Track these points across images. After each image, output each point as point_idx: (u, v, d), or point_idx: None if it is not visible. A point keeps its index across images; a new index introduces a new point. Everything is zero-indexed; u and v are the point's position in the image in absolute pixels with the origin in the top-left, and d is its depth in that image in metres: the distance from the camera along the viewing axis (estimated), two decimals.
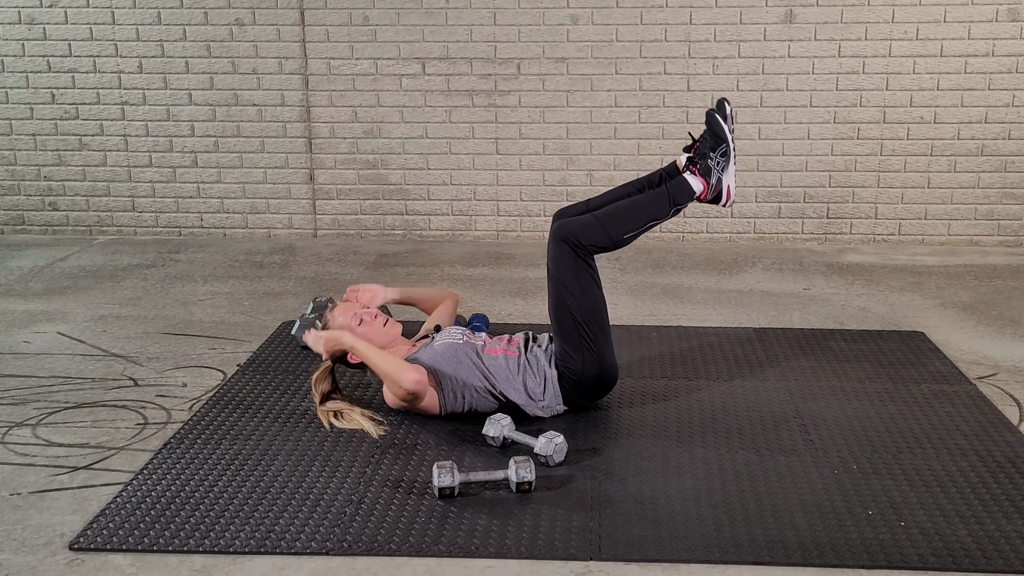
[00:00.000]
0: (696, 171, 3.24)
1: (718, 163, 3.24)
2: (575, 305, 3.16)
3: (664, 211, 3.23)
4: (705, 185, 3.24)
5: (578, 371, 3.18)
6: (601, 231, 3.18)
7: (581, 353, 3.17)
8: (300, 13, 5.61)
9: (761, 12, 5.43)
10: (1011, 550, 2.45)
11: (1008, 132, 5.47)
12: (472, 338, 3.32)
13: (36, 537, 2.56)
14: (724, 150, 3.25)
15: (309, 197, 5.85)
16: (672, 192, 3.24)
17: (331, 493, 2.75)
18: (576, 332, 3.17)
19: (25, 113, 5.84)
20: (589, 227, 3.19)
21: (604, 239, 3.19)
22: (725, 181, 3.26)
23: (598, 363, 3.19)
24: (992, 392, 3.48)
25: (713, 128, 3.26)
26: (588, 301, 3.18)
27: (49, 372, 3.72)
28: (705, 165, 3.24)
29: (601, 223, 3.20)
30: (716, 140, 3.25)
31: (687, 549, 2.46)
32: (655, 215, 3.23)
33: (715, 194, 3.27)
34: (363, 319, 3.31)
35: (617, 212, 3.22)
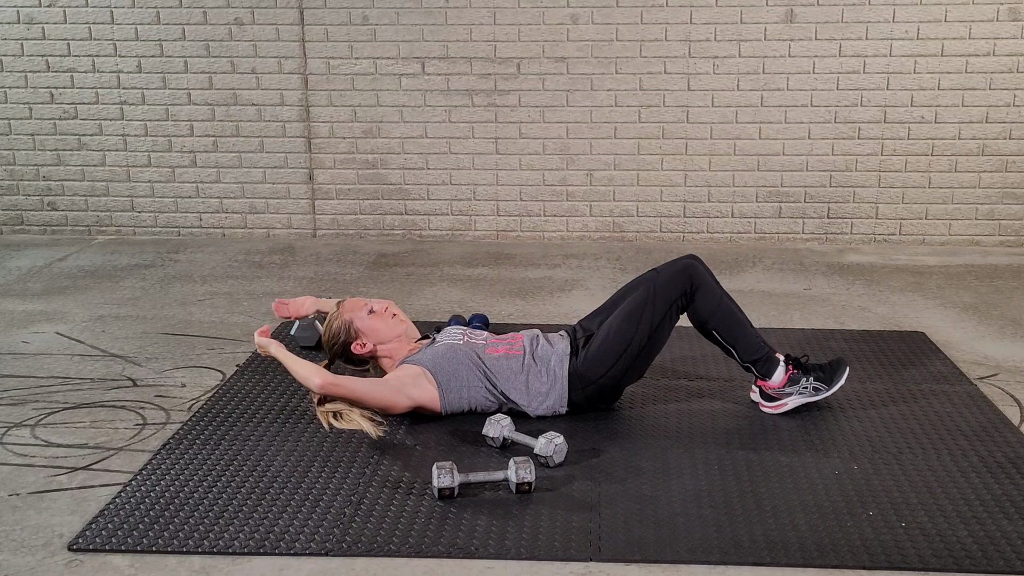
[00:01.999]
0: (789, 371, 3.23)
1: (803, 389, 3.24)
2: (645, 328, 3.17)
3: (746, 354, 3.23)
4: (780, 386, 3.23)
5: (596, 377, 3.19)
6: (714, 307, 3.20)
7: (610, 366, 3.18)
8: (299, 12, 5.60)
9: (761, 12, 5.42)
10: (1011, 550, 2.44)
11: (1009, 132, 5.47)
12: (473, 337, 3.32)
13: (35, 538, 2.55)
14: (819, 390, 3.25)
15: (308, 197, 5.85)
16: (764, 355, 3.23)
17: (331, 493, 2.75)
18: (624, 348, 3.17)
19: (24, 113, 5.83)
20: (712, 295, 3.21)
21: (706, 312, 3.20)
22: (791, 403, 3.25)
23: (617, 379, 3.22)
24: (993, 392, 3.47)
25: (834, 370, 3.27)
26: (656, 336, 3.20)
27: (48, 372, 3.72)
28: (797, 376, 3.23)
29: (720, 305, 3.21)
30: (825, 379, 3.25)
31: (687, 549, 2.46)
32: (741, 347, 3.23)
33: (776, 396, 3.25)
34: (373, 309, 3.32)
35: (732, 313, 3.23)
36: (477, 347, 3.26)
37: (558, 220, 5.75)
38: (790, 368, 3.24)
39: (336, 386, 3.07)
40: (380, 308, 3.34)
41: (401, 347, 3.34)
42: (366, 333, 3.31)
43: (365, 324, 3.30)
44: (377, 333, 3.31)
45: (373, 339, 3.31)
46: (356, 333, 3.31)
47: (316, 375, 3.07)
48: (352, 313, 3.32)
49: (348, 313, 3.32)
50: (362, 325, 3.30)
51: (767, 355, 3.24)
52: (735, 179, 5.63)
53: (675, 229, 5.72)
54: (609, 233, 5.73)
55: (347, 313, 3.33)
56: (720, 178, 5.64)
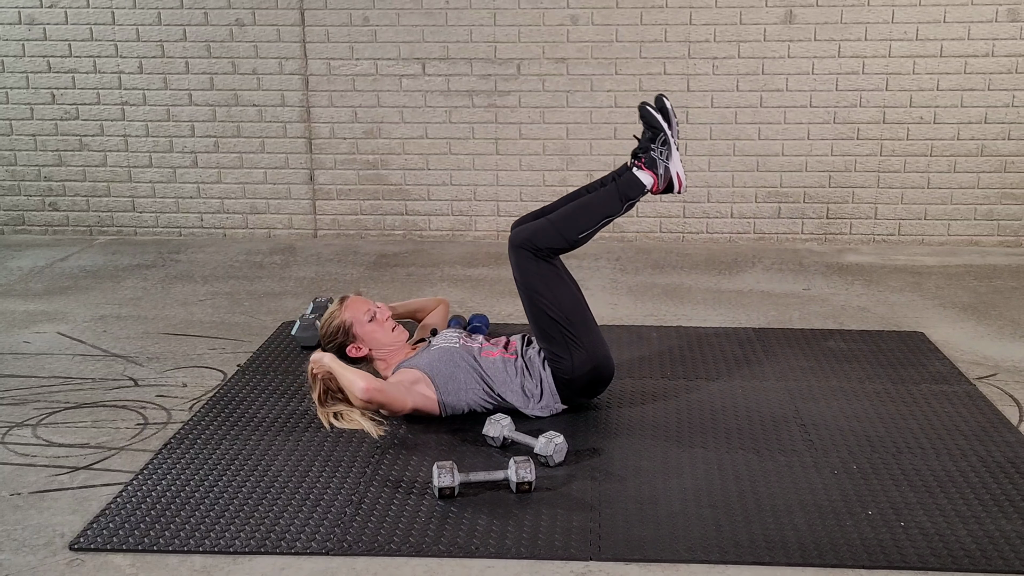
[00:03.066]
0: (642, 165, 3.29)
1: (661, 153, 3.29)
2: (548, 306, 3.19)
3: (616, 207, 3.27)
4: (654, 177, 3.28)
5: (569, 370, 3.19)
6: (555, 233, 3.22)
7: (569, 352, 3.18)
8: (300, 13, 5.61)
9: (761, 12, 5.43)
10: (1011, 550, 2.45)
11: (1008, 132, 5.47)
12: (468, 341, 3.32)
13: (36, 537, 2.56)
14: (663, 139, 3.29)
15: (309, 197, 5.85)
16: (622, 188, 3.28)
17: (331, 493, 2.75)
18: (558, 333, 3.18)
19: (25, 113, 5.84)
20: (543, 230, 3.23)
21: (559, 240, 3.22)
22: (673, 169, 3.30)
23: (589, 359, 3.20)
24: (992, 392, 3.48)
25: (647, 120, 3.32)
26: (560, 299, 3.20)
27: (49, 372, 3.72)
28: (649, 158, 3.29)
29: (555, 225, 3.23)
30: (653, 131, 3.31)
31: (687, 549, 2.47)
32: (607, 212, 3.26)
33: (666, 183, 3.31)
34: (375, 316, 3.32)
35: (570, 213, 3.26)
36: (472, 350, 3.26)
37: None
38: (640, 161, 3.28)
39: (380, 392, 3.06)
40: (382, 316, 3.34)
41: (396, 352, 3.35)
42: (364, 339, 3.31)
43: (364, 330, 3.30)
44: (375, 341, 3.32)
45: (370, 345, 3.32)
46: (354, 337, 3.31)
47: (362, 379, 3.06)
48: (353, 316, 3.31)
49: (349, 315, 3.32)
50: (361, 331, 3.31)
51: (625, 185, 3.27)
52: (734, 179, 5.64)
53: (674, 229, 5.72)
54: (609, 233, 5.74)
55: (348, 314, 3.32)
56: (719, 178, 5.64)
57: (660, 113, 3.31)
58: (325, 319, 3.36)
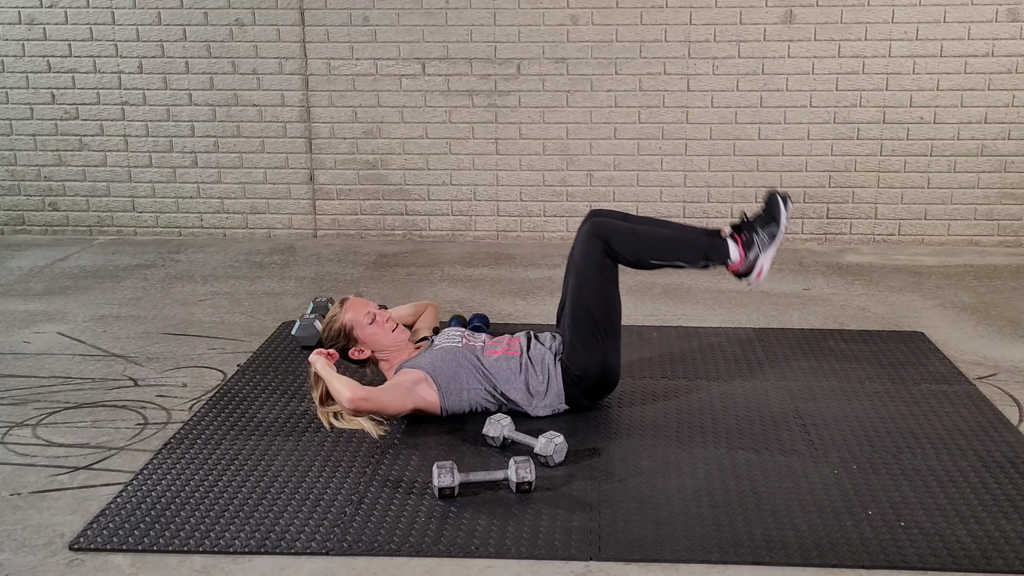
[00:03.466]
0: (740, 241, 3.25)
1: (763, 242, 3.25)
2: (593, 301, 3.18)
3: (694, 260, 3.24)
4: (742, 257, 3.24)
5: (583, 367, 3.19)
6: (634, 245, 3.20)
7: (589, 350, 3.18)
8: (300, 13, 5.61)
9: (761, 12, 5.43)
10: (1011, 550, 2.45)
11: (1008, 132, 5.47)
12: (471, 339, 3.32)
13: (36, 537, 2.56)
14: (773, 232, 3.25)
15: (309, 197, 5.85)
16: (708, 249, 3.24)
17: (331, 493, 2.75)
18: (588, 327, 3.18)
19: (25, 113, 5.84)
20: (625, 236, 3.21)
21: (633, 254, 3.20)
22: (762, 261, 3.25)
23: (603, 362, 3.21)
24: (992, 392, 3.48)
25: (771, 208, 3.28)
26: (607, 300, 3.21)
27: (49, 372, 3.72)
28: (750, 238, 3.24)
29: (638, 238, 3.21)
30: (770, 219, 3.26)
31: (687, 549, 2.47)
32: (685, 258, 3.23)
33: (747, 269, 3.26)
34: (375, 318, 3.31)
35: (655, 236, 3.24)
36: (475, 349, 3.26)
37: (558, 220, 5.76)
38: (739, 238, 3.24)
39: (366, 400, 3.06)
40: (382, 319, 3.33)
41: (399, 352, 3.35)
42: (365, 341, 3.31)
43: (365, 333, 3.30)
44: (377, 343, 3.31)
45: (371, 347, 3.32)
46: (355, 340, 3.31)
47: (348, 389, 3.06)
48: (353, 318, 3.30)
49: (350, 317, 3.31)
50: (362, 334, 3.30)
51: (712, 246, 3.24)
52: (734, 179, 5.64)
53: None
54: None
55: (348, 317, 3.31)
56: (720, 178, 5.64)
57: (786, 209, 3.27)
58: (327, 322, 3.36)
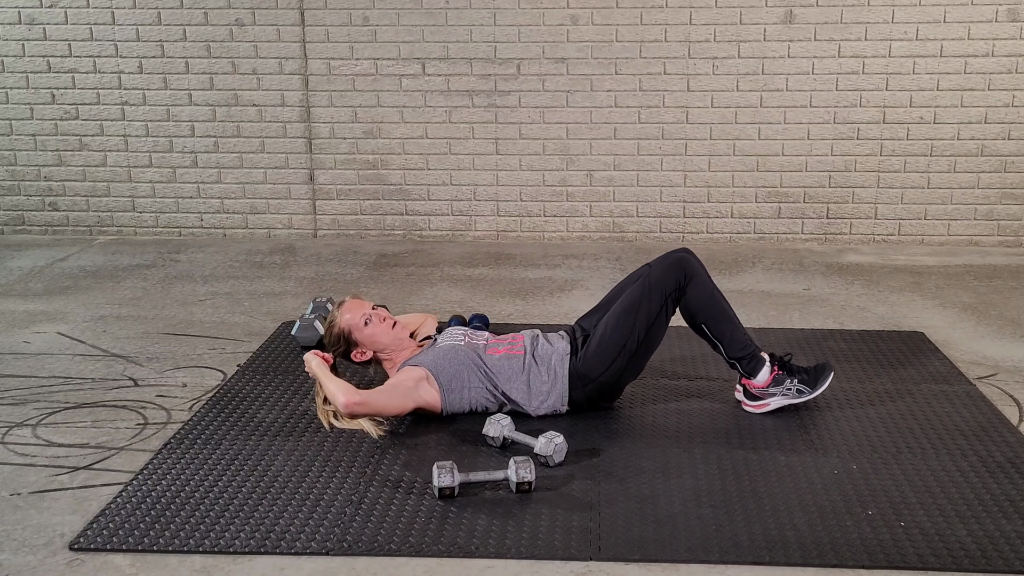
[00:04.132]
0: (774, 371, 3.24)
1: (787, 390, 3.25)
2: (643, 322, 3.19)
3: (732, 351, 3.23)
4: (764, 385, 3.23)
5: (596, 373, 3.19)
6: (705, 300, 3.21)
7: (610, 362, 3.19)
8: (300, 13, 5.61)
9: (761, 12, 5.43)
10: (1011, 550, 2.45)
11: (1008, 132, 5.47)
12: (474, 338, 3.32)
13: (36, 537, 2.56)
14: (802, 392, 3.25)
15: (309, 197, 5.85)
16: (750, 354, 3.24)
17: (331, 493, 2.75)
18: (623, 343, 3.18)
19: (25, 113, 5.84)
20: (704, 288, 3.22)
21: (697, 305, 3.21)
22: (774, 404, 3.26)
23: (616, 377, 3.23)
24: (992, 392, 3.48)
25: (819, 374, 3.27)
26: (654, 328, 3.21)
27: (49, 372, 3.72)
28: (781, 377, 3.24)
29: (711, 298, 3.22)
30: (809, 381, 3.26)
31: (687, 549, 2.47)
32: (727, 343, 3.23)
33: (759, 395, 3.25)
34: (371, 319, 3.31)
35: (722, 307, 3.24)
36: (478, 348, 3.26)
37: (558, 220, 5.76)
38: (775, 368, 3.25)
39: (361, 404, 3.05)
40: (378, 318, 3.32)
41: (401, 350, 3.35)
42: (365, 343, 3.31)
43: (363, 335, 3.29)
44: (377, 343, 3.31)
45: (372, 348, 3.32)
46: (355, 343, 3.31)
47: (342, 394, 3.05)
48: (350, 321, 3.29)
49: (346, 321, 3.30)
50: (360, 336, 3.29)
51: (753, 353, 3.24)
52: (734, 179, 5.64)
53: (675, 229, 5.72)
54: (609, 233, 5.74)
55: (345, 321, 3.30)
56: (719, 178, 5.64)
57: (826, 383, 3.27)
58: (327, 328, 3.36)
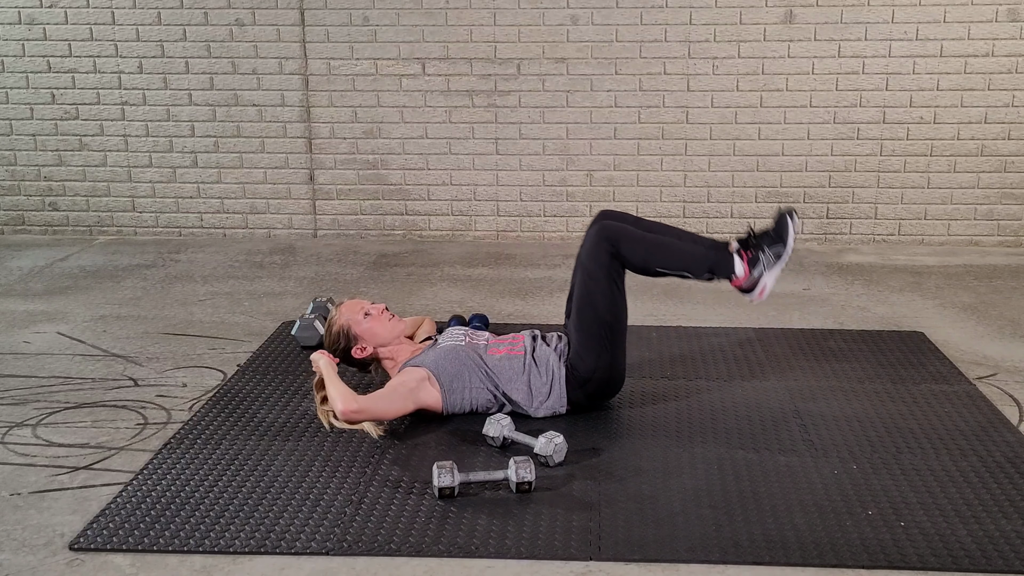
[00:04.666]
0: (745, 257, 3.25)
1: (769, 261, 3.24)
2: (601, 303, 3.18)
3: (699, 271, 3.23)
4: (747, 273, 3.23)
5: (589, 370, 3.19)
6: (640, 251, 3.20)
7: (596, 353, 3.19)
8: (300, 13, 5.61)
9: (761, 12, 5.43)
10: (1011, 550, 2.45)
11: (1008, 132, 5.47)
12: (474, 338, 3.32)
13: (36, 537, 2.56)
14: (779, 252, 3.25)
15: (309, 197, 5.85)
16: (713, 262, 3.24)
17: (331, 493, 2.75)
18: (596, 329, 3.18)
19: (25, 113, 5.84)
20: (633, 241, 3.21)
21: (640, 259, 3.20)
22: (766, 279, 3.25)
23: (609, 366, 3.21)
24: (992, 392, 3.48)
25: (780, 228, 3.27)
26: (615, 303, 3.21)
27: (49, 372, 3.72)
28: (756, 256, 3.24)
29: (645, 245, 3.22)
30: (777, 239, 3.26)
31: (687, 549, 2.47)
32: (690, 269, 3.23)
33: (750, 285, 3.25)
34: (369, 313, 3.32)
35: (663, 245, 3.24)
36: (479, 348, 3.27)
37: (558, 220, 5.76)
38: (745, 255, 3.24)
39: (359, 412, 3.03)
40: (376, 311, 3.34)
41: (402, 348, 3.35)
42: (364, 337, 3.31)
43: (363, 328, 3.30)
44: (376, 336, 3.32)
45: (372, 342, 3.32)
46: (355, 338, 3.31)
47: (341, 400, 3.03)
48: (349, 317, 3.31)
49: (345, 317, 3.32)
50: (360, 330, 3.30)
51: (719, 259, 3.23)
52: (734, 179, 5.64)
53: None
54: None
55: (344, 317, 3.32)
56: (719, 178, 5.64)
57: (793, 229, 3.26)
58: (326, 328, 3.38)
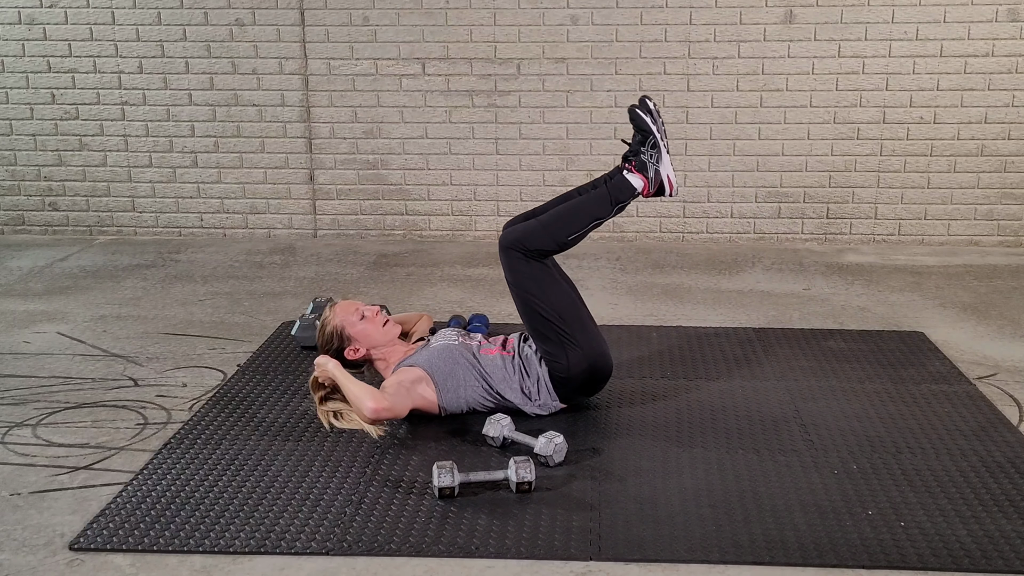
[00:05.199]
0: (632, 168, 3.29)
1: (651, 156, 3.28)
2: (541, 306, 3.19)
3: (606, 211, 3.27)
4: (644, 180, 3.28)
5: (565, 369, 3.19)
6: (544, 234, 3.22)
7: (564, 351, 3.18)
8: (300, 13, 5.61)
9: (761, 12, 5.43)
10: (1011, 550, 2.45)
11: (1008, 132, 5.47)
12: (467, 339, 3.33)
13: (36, 537, 2.56)
14: (652, 142, 3.28)
15: (309, 197, 5.85)
16: (612, 192, 3.28)
17: (331, 493, 2.75)
18: (553, 332, 3.18)
19: (25, 113, 5.84)
20: (533, 232, 3.23)
21: (548, 242, 3.22)
22: (663, 172, 3.30)
23: (585, 357, 3.20)
24: (992, 392, 3.48)
25: (636, 123, 3.31)
26: (554, 299, 3.20)
27: (49, 372, 3.72)
28: (640, 161, 3.28)
29: (544, 227, 3.24)
30: (643, 134, 3.29)
31: (687, 549, 2.47)
32: (597, 215, 3.26)
33: (656, 186, 3.30)
34: (364, 314, 3.32)
35: (559, 215, 3.26)
36: (472, 347, 3.27)
37: None
38: (631, 165, 3.27)
39: (390, 410, 3.02)
40: (371, 313, 3.33)
41: (395, 350, 3.35)
42: (358, 339, 3.31)
43: (356, 330, 3.30)
44: (369, 338, 3.31)
45: (366, 344, 3.32)
46: (348, 339, 3.31)
47: (371, 399, 3.01)
48: (343, 319, 3.31)
49: (339, 319, 3.32)
50: (354, 331, 3.30)
51: (615, 189, 3.26)
52: (734, 179, 5.64)
53: (674, 229, 5.72)
54: (609, 233, 5.74)
55: (338, 319, 3.32)
56: (719, 178, 5.65)
57: (648, 115, 3.30)
58: (320, 328, 3.37)
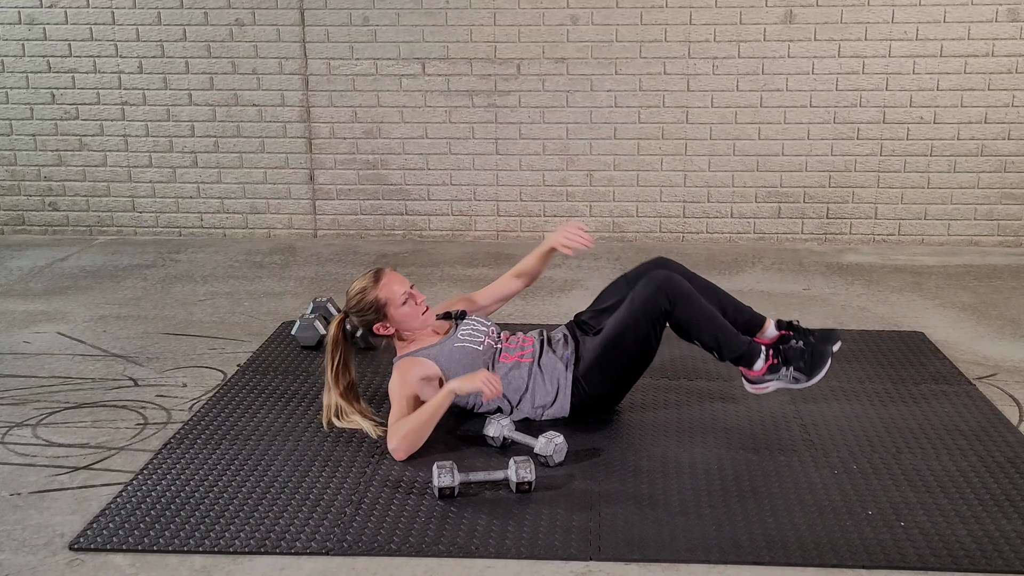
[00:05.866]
0: (769, 362, 3.16)
1: (787, 376, 3.17)
2: (633, 342, 3.15)
3: (725, 355, 3.16)
4: (761, 373, 3.16)
5: (595, 388, 3.20)
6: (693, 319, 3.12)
7: (610, 379, 3.20)
8: (300, 13, 5.61)
9: (761, 12, 5.43)
10: (1011, 550, 2.45)
11: (1008, 132, 5.47)
12: (492, 340, 3.27)
13: (36, 537, 2.56)
14: (799, 379, 3.17)
15: (309, 197, 5.85)
16: (745, 352, 3.16)
17: (331, 493, 2.75)
18: (618, 361, 3.18)
19: (25, 113, 5.84)
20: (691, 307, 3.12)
21: (685, 325, 3.14)
22: (773, 386, 3.20)
23: (615, 389, 3.24)
24: (992, 392, 3.48)
25: (817, 360, 3.17)
26: (647, 347, 3.17)
27: (49, 372, 3.72)
28: (778, 365, 3.16)
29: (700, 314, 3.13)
30: (809, 369, 3.16)
31: (687, 549, 2.47)
32: (719, 350, 3.16)
33: (757, 381, 3.19)
34: (409, 299, 3.20)
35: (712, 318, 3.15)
36: (493, 352, 3.23)
37: (558, 220, 5.76)
38: (771, 359, 3.17)
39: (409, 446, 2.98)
40: (414, 300, 3.22)
41: (423, 335, 3.27)
42: (394, 320, 3.20)
43: (399, 312, 3.18)
44: (406, 323, 3.21)
45: (398, 327, 3.22)
46: (386, 317, 3.19)
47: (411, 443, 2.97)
48: (389, 296, 3.18)
49: (385, 293, 3.18)
50: (395, 312, 3.18)
51: (748, 352, 3.17)
52: (734, 179, 5.64)
53: (675, 229, 5.72)
54: (609, 233, 5.74)
55: (385, 292, 3.18)
56: (719, 178, 5.64)
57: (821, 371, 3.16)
58: (356, 291, 3.21)
